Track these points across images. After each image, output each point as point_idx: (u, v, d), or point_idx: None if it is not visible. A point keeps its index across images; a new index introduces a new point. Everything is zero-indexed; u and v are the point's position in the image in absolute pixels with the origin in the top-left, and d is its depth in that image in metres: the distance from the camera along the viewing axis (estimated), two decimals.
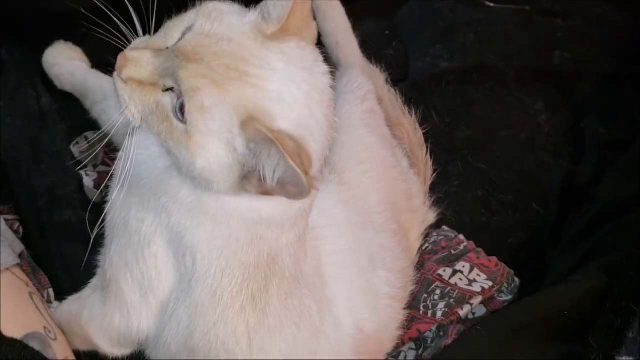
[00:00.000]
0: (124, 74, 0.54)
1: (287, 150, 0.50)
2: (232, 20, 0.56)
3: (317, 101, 0.56)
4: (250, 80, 0.53)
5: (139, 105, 0.55)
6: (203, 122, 0.52)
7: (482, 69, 1.09)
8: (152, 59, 0.54)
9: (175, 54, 0.53)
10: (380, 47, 1.12)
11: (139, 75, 0.54)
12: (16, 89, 0.92)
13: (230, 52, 0.53)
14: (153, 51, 0.55)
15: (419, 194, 0.89)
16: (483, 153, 1.00)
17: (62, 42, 0.94)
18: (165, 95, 0.55)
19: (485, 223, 0.93)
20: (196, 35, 0.54)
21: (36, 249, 0.80)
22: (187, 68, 0.52)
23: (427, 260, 0.86)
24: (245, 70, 0.53)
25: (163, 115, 0.55)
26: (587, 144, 1.03)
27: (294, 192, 0.52)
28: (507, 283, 0.83)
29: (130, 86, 0.55)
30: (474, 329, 0.76)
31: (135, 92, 0.55)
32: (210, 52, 0.53)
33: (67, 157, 0.89)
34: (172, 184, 0.60)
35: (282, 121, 0.53)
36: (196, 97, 0.52)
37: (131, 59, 0.54)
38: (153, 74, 0.54)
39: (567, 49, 1.13)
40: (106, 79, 0.90)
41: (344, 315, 0.69)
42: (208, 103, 0.52)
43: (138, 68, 0.54)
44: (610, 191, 0.93)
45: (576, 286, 0.79)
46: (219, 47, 0.53)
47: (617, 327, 0.72)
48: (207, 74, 0.52)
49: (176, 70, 0.53)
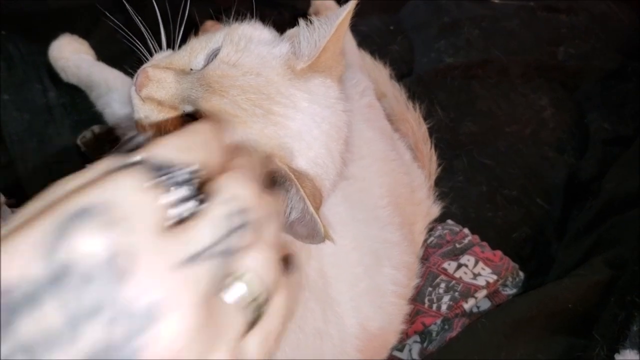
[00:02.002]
0: (144, 92, 0.52)
1: (306, 191, 0.48)
2: (261, 51, 0.54)
3: (335, 139, 0.55)
4: (274, 119, 0.51)
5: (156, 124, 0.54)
6: None
7: (487, 65, 1.09)
8: (174, 83, 0.52)
9: (200, 82, 0.51)
10: (385, 42, 1.12)
11: (159, 97, 0.52)
12: (23, 83, 0.93)
13: (256, 87, 0.51)
14: (176, 73, 0.53)
15: (422, 187, 0.89)
16: (488, 148, 1.00)
17: (68, 35, 0.94)
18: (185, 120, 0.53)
19: (490, 218, 0.93)
20: (222, 63, 0.52)
21: None
22: (211, 101, 0.50)
23: (432, 254, 0.86)
24: (270, 108, 0.51)
25: None
26: (591, 139, 1.03)
27: (303, 233, 0.50)
28: (511, 277, 0.84)
29: (148, 105, 0.53)
30: (479, 322, 0.76)
31: (152, 112, 0.53)
32: (236, 85, 0.51)
33: (74, 150, 0.89)
34: None
35: (300, 159, 0.52)
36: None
37: (153, 79, 0.52)
38: (174, 97, 0.52)
39: (571, 45, 1.13)
40: (111, 72, 0.91)
41: (347, 315, 0.68)
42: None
43: (159, 89, 0.52)
44: (614, 186, 0.93)
45: (580, 280, 0.79)
46: (245, 81, 0.51)
47: (621, 320, 0.72)
48: (230, 110, 0.50)
49: (199, 100, 0.51)
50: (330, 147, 0.55)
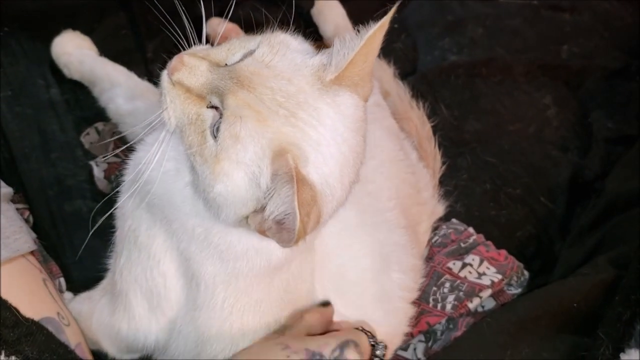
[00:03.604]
0: (176, 76, 0.53)
1: (301, 196, 0.48)
2: (296, 58, 0.54)
3: (351, 165, 0.54)
4: (296, 123, 0.51)
5: (179, 111, 0.54)
6: (234, 151, 0.51)
7: (491, 63, 1.09)
8: (206, 72, 0.52)
9: (230, 75, 0.52)
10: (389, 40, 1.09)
11: (190, 84, 0.53)
12: (26, 78, 0.92)
13: (286, 91, 0.51)
14: (210, 64, 0.53)
15: (427, 186, 0.89)
16: (492, 146, 1.00)
17: (71, 31, 0.94)
18: (209, 111, 0.53)
19: (494, 216, 0.93)
20: (256, 61, 0.53)
21: (46, 238, 0.80)
22: (237, 94, 0.51)
23: (436, 253, 0.86)
24: (296, 112, 0.51)
25: (200, 129, 0.53)
26: (594, 138, 1.03)
27: (285, 238, 0.50)
28: (516, 276, 0.84)
29: (176, 90, 0.53)
30: (484, 321, 0.76)
31: (179, 98, 0.53)
32: (267, 85, 0.51)
33: (77, 147, 0.89)
34: (184, 211, 0.59)
35: (313, 169, 0.51)
36: (235, 125, 0.50)
37: (187, 65, 0.53)
38: (203, 87, 0.52)
39: (575, 44, 1.13)
40: (114, 67, 0.91)
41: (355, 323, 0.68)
42: (244, 134, 0.50)
43: (191, 76, 0.52)
44: (617, 185, 0.93)
45: (585, 279, 0.79)
46: (276, 83, 0.51)
47: (625, 319, 0.72)
48: (254, 106, 0.51)
49: (226, 92, 0.51)
50: (344, 172, 0.53)
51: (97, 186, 0.86)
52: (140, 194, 0.60)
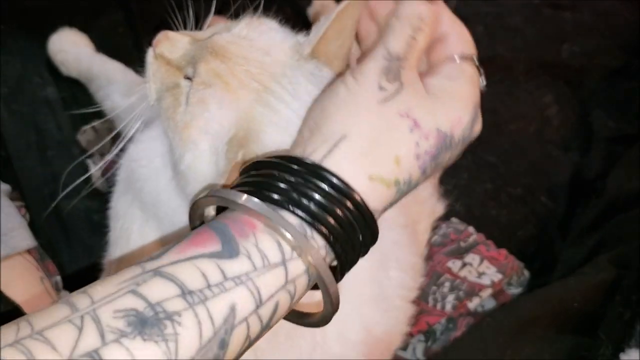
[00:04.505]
0: (158, 49, 0.54)
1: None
2: (276, 35, 0.53)
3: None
4: (267, 98, 0.50)
5: (158, 82, 0.54)
6: (202, 118, 0.50)
7: (491, 62, 1.08)
8: (187, 45, 0.53)
9: (207, 46, 0.52)
10: None
11: (169, 55, 0.53)
12: (22, 76, 0.92)
13: (261, 62, 0.51)
14: (192, 39, 0.54)
15: (426, 185, 0.89)
16: (492, 146, 1.00)
17: (67, 29, 0.94)
18: (186, 81, 0.53)
19: (494, 216, 0.93)
20: (233, 35, 0.53)
21: (43, 236, 0.80)
22: (209, 62, 0.51)
23: (436, 253, 0.85)
24: (268, 85, 0.50)
25: (175, 97, 0.53)
26: (595, 137, 1.02)
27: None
28: (516, 276, 0.83)
29: (158, 63, 0.54)
30: (484, 321, 0.75)
31: (160, 70, 0.54)
32: (241, 54, 0.51)
33: (73, 145, 0.88)
34: (171, 207, 0.58)
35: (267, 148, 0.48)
36: (204, 92, 0.50)
37: (170, 39, 0.54)
38: (181, 58, 0.53)
39: (575, 43, 1.13)
40: (111, 64, 0.91)
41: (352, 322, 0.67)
42: (212, 102, 0.50)
43: (171, 49, 0.53)
44: (618, 184, 0.93)
45: (585, 279, 0.78)
46: (251, 53, 0.51)
47: (626, 319, 0.71)
48: (224, 76, 0.50)
49: (198, 61, 0.51)
50: None
51: (94, 184, 0.85)
52: (131, 192, 0.59)
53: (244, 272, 0.36)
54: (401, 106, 0.41)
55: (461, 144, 0.44)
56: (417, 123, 0.41)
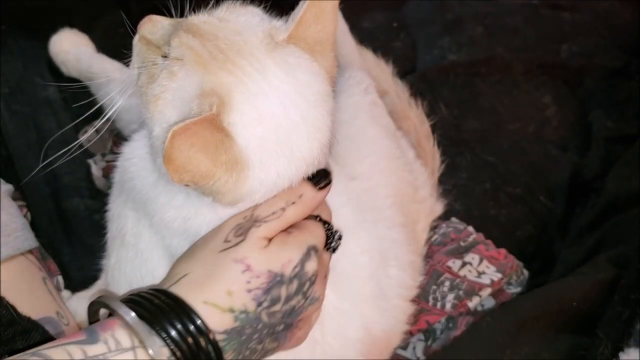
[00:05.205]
0: (141, 31, 0.56)
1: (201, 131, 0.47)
2: (253, 20, 0.54)
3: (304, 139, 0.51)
4: (234, 69, 0.50)
5: (140, 62, 0.55)
6: (170, 89, 0.51)
7: (490, 62, 1.08)
8: (167, 26, 0.55)
9: (183, 24, 0.54)
10: (388, 39, 1.11)
11: (150, 36, 0.55)
12: (23, 76, 0.92)
13: (231, 40, 0.52)
14: (174, 22, 0.55)
15: (425, 185, 0.89)
16: (491, 145, 1.00)
17: (68, 29, 0.94)
18: (163, 59, 0.54)
19: (493, 216, 0.93)
20: (211, 16, 0.54)
21: (44, 236, 0.80)
22: (181, 37, 0.52)
23: (436, 252, 0.85)
24: (235, 60, 0.50)
25: (151, 73, 0.54)
26: (594, 137, 1.03)
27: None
28: (516, 275, 0.83)
29: (140, 43, 0.56)
30: (484, 320, 0.76)
31: (142, 50, 0.55)
32: (213, 32, 0.52)
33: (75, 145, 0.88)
34: (160, 203, 0.58)
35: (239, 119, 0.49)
36: (174, 65, 0.51)
37: (153, 21, 0.56)
38: (161, 38, 0.55)
39: (574, 43, 1.13)
40: (111, 63, 0.91)
41: (351, 320, 0.67)
42: (180, 74, 0.51)
43: (152, 29, 0.55)
44: (617, 184, 0.93)
45: (584, 278, 0.79)
46: (223, 32, 0.52)
47: (625, 319, 0.72)
48: (195, 48, 0.51)
49: (172, 38, 0.53)
50: (288, 141, 0.51)
51: (96, 184, 0.85)
52: (125, 193, 0.60)
53: (100, 352, 0.46)
54: (237, 255, 0.50)
55: (297, 279, 0.51)
56: (249, 267, 0.50)
